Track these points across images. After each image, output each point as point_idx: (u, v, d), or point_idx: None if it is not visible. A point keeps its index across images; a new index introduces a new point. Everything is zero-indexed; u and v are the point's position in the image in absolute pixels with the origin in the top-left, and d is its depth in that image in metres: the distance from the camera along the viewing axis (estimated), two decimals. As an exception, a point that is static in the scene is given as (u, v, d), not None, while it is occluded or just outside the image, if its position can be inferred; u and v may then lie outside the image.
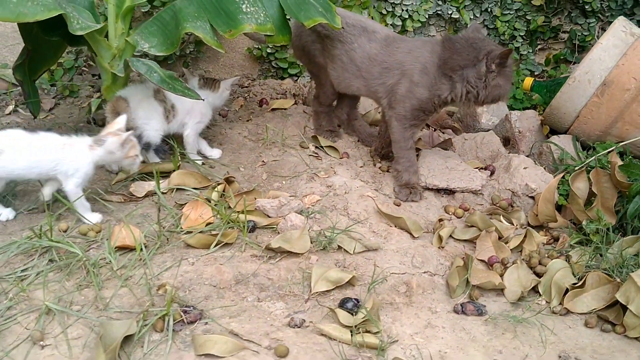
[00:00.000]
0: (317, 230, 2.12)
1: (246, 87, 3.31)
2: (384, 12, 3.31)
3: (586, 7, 3.25)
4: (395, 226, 2.22)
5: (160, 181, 2.28)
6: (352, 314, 1.78)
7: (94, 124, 2.78)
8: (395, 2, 3.29)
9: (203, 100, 2.30)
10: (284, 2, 2.34)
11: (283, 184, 2.44)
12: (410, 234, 2.20)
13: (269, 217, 2.19)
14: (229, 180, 2.36)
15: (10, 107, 2.92)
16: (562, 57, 3.43)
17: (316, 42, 2.55)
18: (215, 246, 2.01)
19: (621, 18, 2.69)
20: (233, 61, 3.43)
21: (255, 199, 2.26)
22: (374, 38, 2.44)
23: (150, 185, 2.31)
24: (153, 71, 2.17)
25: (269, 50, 3.35)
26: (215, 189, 2.28)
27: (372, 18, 3.25)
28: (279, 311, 1.82)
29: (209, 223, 2.13)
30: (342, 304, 1.82)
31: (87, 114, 2.77)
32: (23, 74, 2.47)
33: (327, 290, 1.89)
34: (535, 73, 3.46)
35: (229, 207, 2.21)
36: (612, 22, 3.21)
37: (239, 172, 2.53)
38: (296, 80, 3.38)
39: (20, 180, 2.17)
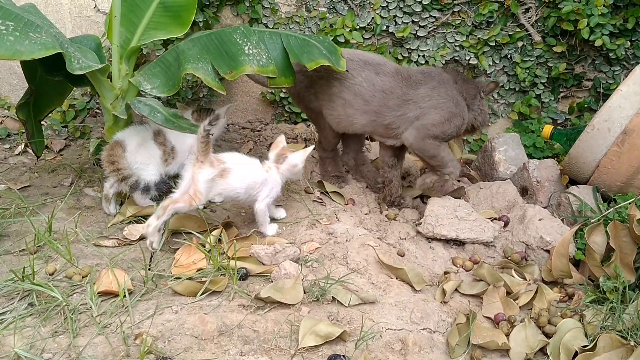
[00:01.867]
0: (311, 280, 2.01)
1: (258, 131, 3.27)
2: (400, 57, 3.25)
3: (610, 54, 3.13)
4: (396, 278, 2.10)
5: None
6: (338, 373, 1.66)
7: (98, 166, 2.75)
8: (412, 47, 3.24)
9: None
10: (288, 44, 2.31)
11: (283, 230, 2.35)
12: (412, 286, 2.07)
13: (263, 264, 2.09)
14: (227, 225, 2.29)
15: (20, 147, 2.93)
16: (586, 105, 3.30)
17: (310, 87, 2.50)
18: (202, 294, 1.92)
19: (643, 65, 2.57)
20: (247, 105, 3.40)
21: (252, 244, 2.18)
22: (382, 71, 2.41)
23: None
24: (156, 111, 2.14)
25: (282, 95, 3.31)
26: (212, 234, 2.20)
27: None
28: (264, 367, 1.71)
29: (201, 269, 2.04)
30: (330, 361, 1.70)
31: (92, 156, 2.75)
32: (27, 113, 2.47)
33: (315, 346, 1.76)
34: (558, 121, 3.33)
35: (225, 254, 2.12)
36: (637, 69, 3.13)
37: (240, 217, 2.45)
38: (309, 124, 3.33)
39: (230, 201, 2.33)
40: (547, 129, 2.90)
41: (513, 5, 3.13)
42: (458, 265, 2.27)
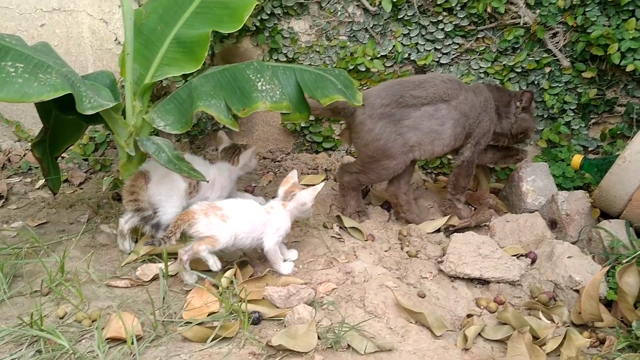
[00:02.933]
0: (326, 326, 1.94)
1: (278, 161, 3.22)
2: (423, 85, 3.17)
3: (643, 78, 3.01)
4: (416, 322, 2.00)
5: (170, 263, 2.18)
6: None
7: (116, 201, 2.74)
8: (435, 74, 3.15)
9: (207, 181, 2.20)
10: (302, 79, 2.26)
11: (300, 268, 2.28)
12: (432, 331, 1.97)
13: (277, 307, 2.03)
14: (242, 264, 2.23)
15: (40, 182, 2.94)
16: (618, 132, 3.16)
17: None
18: (213, 340, 1.86)
19: (677, 91, 2.44)
20: (268, 135, 3.36)
21: (266, 285, 2.11)
22: (464, 86, 2.62)
23: (158, 268, 2.21)
24: (161, 151, 2.10)
25: (303, 125, 3.26)
26: (225, 275, 2.14)
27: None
28: (273, 421, 1.63)
29: (213, 312, 1.99)
30: (343, 416, 1.62)
31: (110, 191, 2.73)
32: (42, 151, 2.47)
33: (328, 398, 1.69)
34: (590, 149, 3.20)
35: (238, 295, 2.06)
36: (672, 94, 3.00)
37: (257, 254, 2.39)
38: (330, 154, 3.27)
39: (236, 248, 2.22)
40: (577, 159, 2.78)
41: (539, 31, 3.02)
42: (482, 307, 2.17)
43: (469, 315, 2.07)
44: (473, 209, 2.85)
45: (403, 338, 1.93)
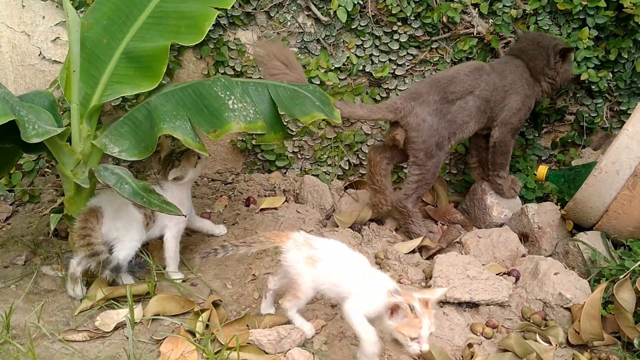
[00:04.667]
0: (326, 370, 1.75)
1: (230, 183, 2.99)
2: (378, 97, 3.05)
3: (592, 87, 3.03)
4: (419, 358, 1.85)
5: (134, 307, 1.91)
6: None
7: (59, 238, 2.40)
8: (390, 87, 3.04)
9: (185, 216, 1.96)
10: (276, 96, 2.06)
11: (279, 304, 2.06)
12: (438, 367, 1.83)
13: (267, 353, 1.81)
14: (214, 304, 1.99)
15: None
16: (569, 140, 3.18)
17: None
18: (200, 399, 1.62)
19: (645, 100, 2.46)
20: (215, 154, 3.11)
21: (248, 327, 1.89)
22: (487, 70, 2.64)
23: (119, 314, 1.93)
24: (124, 182, 1.84)
25: (254, 142, 3.05)
26: (200, 318, 1.90)
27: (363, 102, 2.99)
28: None
29: (193, 364, 1.74)
30: None
31: (47, 226, 2.40)
32: (-32, 185, 2.12)
33: None
34: (543, 158, 3.20)
35: (217, 341, 1.83)
36: (621, 102, 3.04)
37: (226, 290, 2.17)
38: (285, 172, 3.07)
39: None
40: (542, 170, 2.75)
41: (494, 40, 2.98)
42: (478, 333, 2.05)
43: (469, 345, 1.95)
44: (442, 224, 2.76)
45: (411, 377, 1.77)
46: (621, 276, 2.05)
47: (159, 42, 2.06)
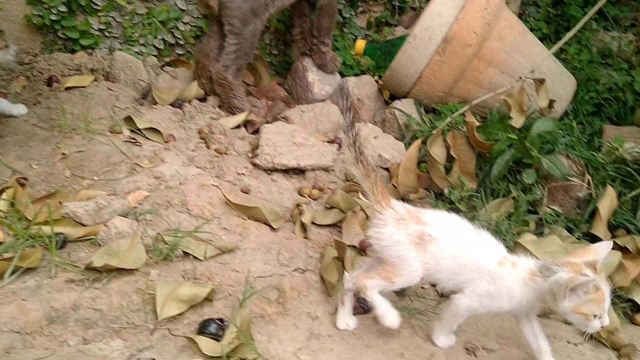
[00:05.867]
0: (152, 236, 1.65)
1: (27, 63, 2.63)
2: None
3: (402, -35, 3.10)
4: (250, 218, 1.83)
5: None
6: (217, 340, 1.37)
7: None
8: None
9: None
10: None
11: (95, 180, 1.90)
12: (269, 225, 1.82)
13: (84, 225, 1.66)
14: (20, 183, 1.77)
15: None
16: (383, 20, 3.26)
17: None
18: (11, 274, 1.45)
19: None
20: (7, 33, 2.70)
21: (61, 203, 1.71)
22: None
23: None
24: None
25: (53, 18, 2.69)
26: (2, 196, 1.68)
27: None
28: (117, 353, 1.34)
29: (-1, 243, 1.55)
30: (203, 329, 1.40)
31: None
32: None
33: (179, 314, 1.44)
34: (359, 37, 3.25)
35: (26, 219, 1.64)
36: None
37: (32, 170, 1.94)
38: (91, 52, 2.78)
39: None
40: (360, 44, 2.79)
41: None
42: (305, 195, 2.07)
43: (297, 205, 1.96)
44: (266, 101, 2.71)
45: (242, 237, 1.74)
46: (433, 131, 2.18)
47: None
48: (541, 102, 2.21)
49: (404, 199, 2.14)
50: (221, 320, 1.42)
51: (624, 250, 1.80)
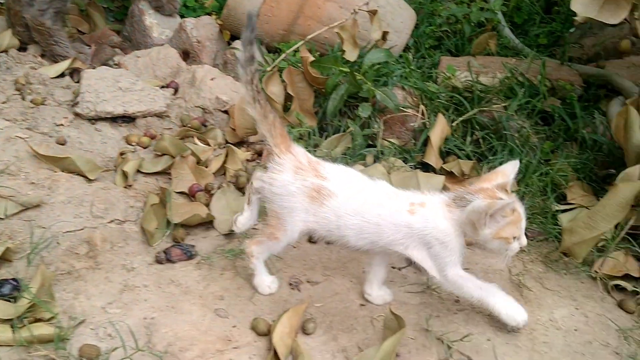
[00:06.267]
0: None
1: None
2: None
3: None
4: (62, 170, 1.68)
5: None
6: (11, 301, 1.25)
7: None
8: None
9: None
10: None
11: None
12: (85, 176, 1.68)
13: None
14: None
15: None
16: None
17: None
18: None
19: None
20: None
21: None
22: None
23: None
24: None
25: None
26: None
27: None
28: None
29: None
30: (-4, 291, 1.27)
31: None
32: None
33: (-31, 278, 1.30)
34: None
35: None
36: None
37: None
38: None
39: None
40: (199, -16, 2.64)
41: None
42: (134, 144, 1.94)
43: (121, 154, 1.83)
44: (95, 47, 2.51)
45: (51, 190, 1.60)
46: (268, 69, 2.10)
47: None
48: (374, 34, 2.17)
49: (243, 141, 2.07)
50: (16, 280, 1.29)
51: (450, 174, 1.83)
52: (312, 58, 2.04)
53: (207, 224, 1.64)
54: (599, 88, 2.19)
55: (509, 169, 1.30)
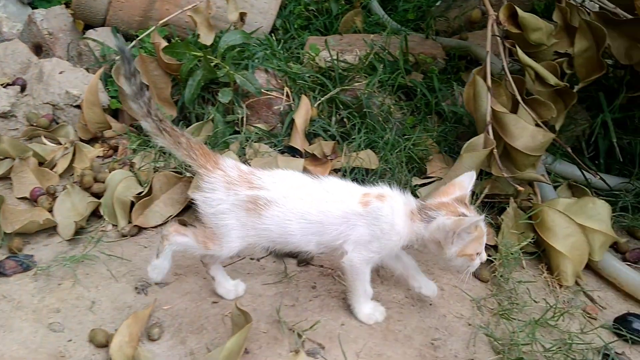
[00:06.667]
0: None
1: None
2: None
3: None
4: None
5: None
6: None
7: None
8: None
9: None
10: None
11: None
12: None
13: None
14: None
15: None
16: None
17: None
18: None
19: None
20: None
21: None
22: None
23: None
24: None
25: None
26: None
27: None
28: None
29: None
30: None
31: None
32: None
33: None
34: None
35: None
36: None
37: None
38: None
39: None
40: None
41: None
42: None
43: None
44: None
45: None
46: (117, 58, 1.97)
47: None
48: (231, 16, 2.08)
49: (97, 137, 1.94)
50: None
51: (313, 156, 1.79)
52: (164, 44, 1.93)
53: (51, 229, 1.51)
54: (460, 60, 2.21)
55: (466, 181, 1.25)
